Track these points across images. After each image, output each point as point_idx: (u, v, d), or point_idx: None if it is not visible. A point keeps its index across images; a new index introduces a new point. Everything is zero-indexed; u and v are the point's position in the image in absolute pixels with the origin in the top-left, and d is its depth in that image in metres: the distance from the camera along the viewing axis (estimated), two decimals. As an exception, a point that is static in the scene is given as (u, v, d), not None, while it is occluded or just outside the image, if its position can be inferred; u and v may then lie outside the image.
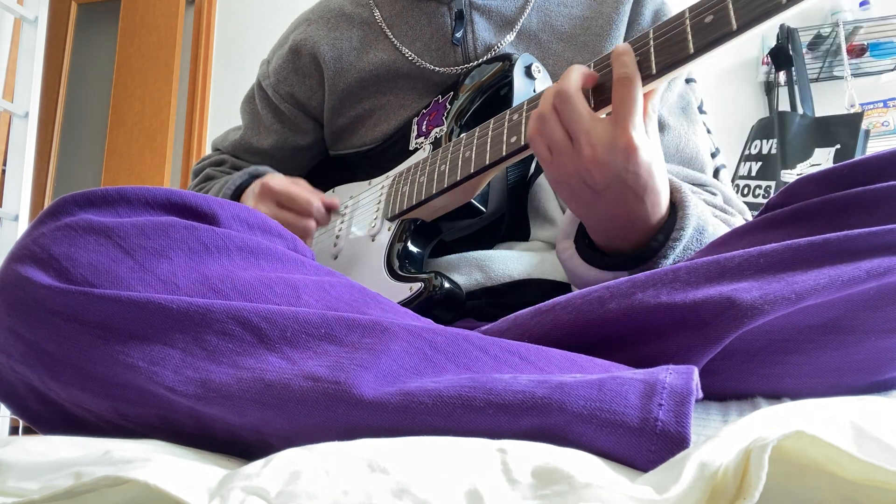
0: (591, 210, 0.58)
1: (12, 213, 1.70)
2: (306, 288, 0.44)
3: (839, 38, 2.24)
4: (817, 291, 0.37)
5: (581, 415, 0.32)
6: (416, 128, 0.81)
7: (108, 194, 0.45)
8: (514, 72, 0.74)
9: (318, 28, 0.89)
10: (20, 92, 1.77)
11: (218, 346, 0.38)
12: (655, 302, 0.41)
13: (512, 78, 0.74)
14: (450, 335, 0.41)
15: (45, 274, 0.40)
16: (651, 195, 0.56)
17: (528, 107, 0.64)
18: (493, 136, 0.66)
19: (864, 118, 2.03)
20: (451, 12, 0.82)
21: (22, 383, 0.42)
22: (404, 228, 0.74)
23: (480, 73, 0.77)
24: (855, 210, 0.42)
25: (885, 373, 0.41)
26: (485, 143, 0.66)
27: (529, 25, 0.81)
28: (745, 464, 0.25)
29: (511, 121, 0.65)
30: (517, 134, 0.63)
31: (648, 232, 0.58)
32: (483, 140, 0.67)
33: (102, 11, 3.28)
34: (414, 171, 0.75)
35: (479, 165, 0.66)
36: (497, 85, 0.75)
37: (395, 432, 0.33)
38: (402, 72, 0.83)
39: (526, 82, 0.74)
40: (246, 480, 0.27)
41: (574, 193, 0.58)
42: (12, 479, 0.29)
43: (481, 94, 0.76)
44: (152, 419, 0.40)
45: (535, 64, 0.75)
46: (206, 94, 2.88)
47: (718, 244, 0.49)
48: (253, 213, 0.50)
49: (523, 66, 0.75)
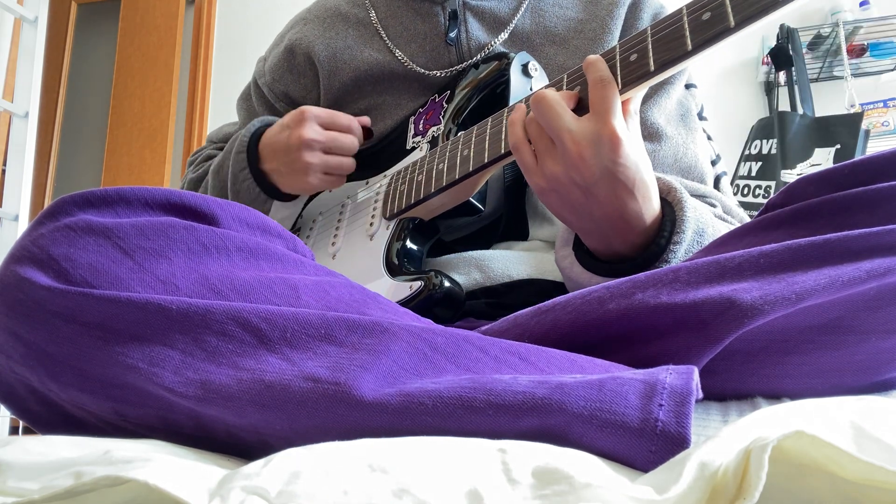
0: (583, 214, 0.58)
1: (12, 213, 1.70)
2: (306, 288, 0.44)
3: (839, 38, 2.24)
4: (817, 292, 0.37)
5: (581, 415, 0.32)
6: (413, 127, 0.81)
7: (107, 195, 0.45)
8: (511, 70, 0.74)
9: (314, 27, 0.89)
10: (20, 92, 1.77)
11: (218, 346, 0.38)
12: (655, 302, 0.41)
13: (509, 76, 0.74)
14: (450, 336, 0.41)
15: (44, 275, 0.40)
16: (641, 188, 0.56)
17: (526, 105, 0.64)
18: (491, 134, 0.66)
19: (864, 118, 2.03)
20: (445, 12, 0.82)
21: (21, 384, 0.42)
22: (403, 227, 0.74)
23: (477, 72, 0.77)
24: (855, 210, 0.42)
25: (885, 373, 0.41)
26: (483, 142, 0.66)
27: (523, 26, 0.81)
28: (745, 464, 0.25)
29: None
30: None
31: (646, 232, 0.58)
32: (481, 138, 0.67)
33: (102, 11, 3.28)
34: (412, 170, 0.75)
35: (478, 164, 0.66)
36: (494, 83, 0.75)
37: (396, 433, 0.33)
38: (396, 73, 0.83)
39: (523, 81, 0.74)
40: (246, 480, 0.27)
41: (564, 199, 0.57)
42: (12, 479, 0.29)
43: (478, 92, 0.76)
44: (152, 420, 0.40)
45: (531, 62, 0.75)
46: (206, 94, 2.89)
47: (718, 244, 0.49)
48: (253, 214, 0.50)
49: (520, 64, 0.75)
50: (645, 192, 0.56)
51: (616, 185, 0.55)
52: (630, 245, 0.59)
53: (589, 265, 0.62)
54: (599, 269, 0.61)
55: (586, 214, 0.58)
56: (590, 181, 0.55)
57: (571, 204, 0.57)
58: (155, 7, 3.01)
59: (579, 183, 0.55)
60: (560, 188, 0.57)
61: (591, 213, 0.57)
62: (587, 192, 0.56)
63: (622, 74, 0.56)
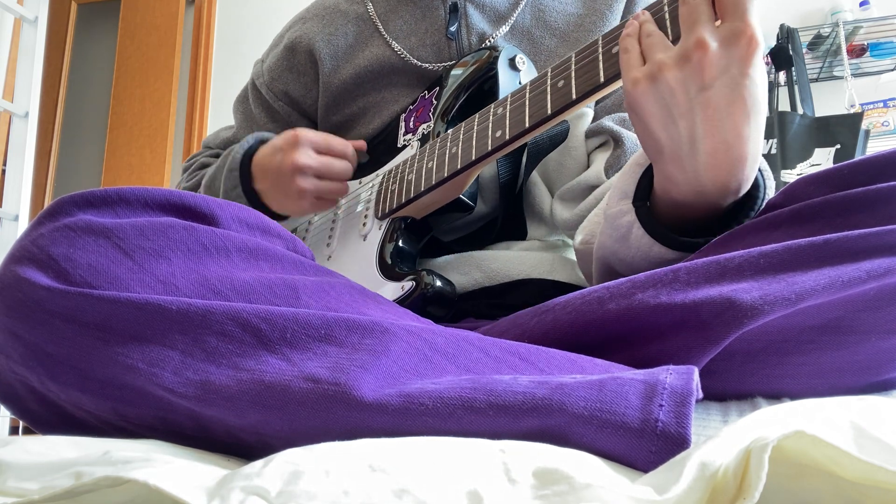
0: (679, 128, 0.46)
1: (12, 213, 1.70)
2: (306, 288, 0.44)
3: (839, 38, 2.24)
4: (817, 292, 0.37)
5: (581, 415, 0.32)
6: (404, 124, 0.80)
7: (107, 195, 0.45)
8: (499, 64, 0.73)
9: (314, 25, 0.89)
10: (20, 92, 1.77)
11: (217, 347, 0.38)
12: (655, 302, 0.41)
13: (496, 71, 0.73)
14: (450, 336, 0.41)
15: (44, 275, 0.40)
16: (756, 119, 0.45)
17: (511, 100, 0.64)
18: (478, 130, 0.66)
19: (864, 118, 2.03)
20: (446, 5, 0.82)
21: (21, 384, 0.42)
22: (395, 227, 0.74)
23: (465, 67, 0.77)
24: (855, 210, 0.42)
25: (886, 373, 0.41)
26: (470, 139, 0.66)
27: (523, 21, 0.81)
28: (746, 464, 0.25)
29: (496, 115, 0.64)
30: (502, 128, 0.63)
31: (746, 174, 0.48)
32: (469, 135, 0.67)
33: (102, 11, 3.28)
34: (402, 169, 0.75)
35: (466, 161, 0.66)
36: (482, 78, 0.75)
37: (396, 434, 0.33)
38: (397, 68, 0.83)
39: (510, 75, 0.74)
40: (246, 480, 0.27)
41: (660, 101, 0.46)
42: (12, 479, 0.29)
43: (466, 88, 0.76)
44: (152, 420, 0.40)
45: (518, 56, 0.74)
46: (206, 94, 2.88)
47: (718, 244, 0.49)
48: (253, 214, 0.50)
49: (507, 58, 0.74)
50: (759, 124, 0.46)
51: (735, 100, 0.44)
52: (721, 187, 0.48)
53: (655, 230, 0.51)
54: (666, 238, 0.51)
55: (684, 131, 0.46)
56: (705, 82, 0.44)
57: (667, 110, 0.46)
58: (155, 7, 3.01)
59: (689, 81, 0.45)
60: (661, 84, 0.46)
61: (691, 130, 0.46)
62: (695, 96, 0.45)
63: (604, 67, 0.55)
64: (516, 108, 0.62)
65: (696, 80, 0.44)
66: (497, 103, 0.66)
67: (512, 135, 0.61)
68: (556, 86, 0.59)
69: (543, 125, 0.60)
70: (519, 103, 0.62)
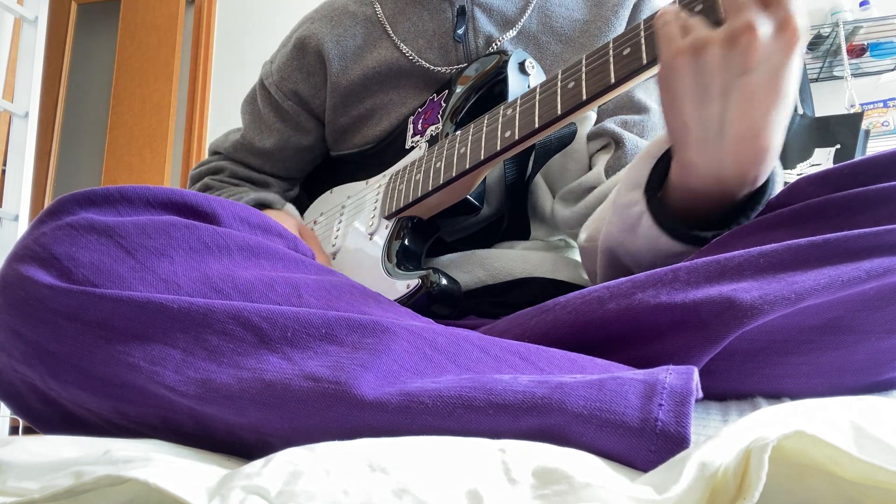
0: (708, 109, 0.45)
1: (12, 213, 1.70)
2: (307, 287, 0.44)
3: (839, 38, 2.24)
4: (817, 292, 0.37)
5: (581, 415, 0.32)
6: (412, 126, 0.81)
7: (109, 193, 0.45)
8: (508, 68, 0.74)
9: (322, 26, 0.89)
10: (20, 92, 1.77)
11: (219, 346, 0.38)
12: (655, 302, 0.41)
13: (506, 75, 0.74)
14: (450, 335, 0.41)
15: (46, 273, 0.40)
16: (783, 112, 0.45)
17: (521, 101, 0.64)
18: (487, 131, 0.66)
19: (864, 118, 2.03)
20: (453, 8, 0.82)
21: (23, 382, 0.42)
22: (401, 226, 0.74)
23: (475, 70, 0.77)
24: (855, 210, 0.42)
25: (885, 373, 0.41)
26: (479, 139, 0.66)
27: (530, 26, 0.81)
28: (745, 464, 0.25)
29: (505, 116, 0.65)
30: (512, 129, 0.63)
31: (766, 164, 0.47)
32: (478, 136, 0.67)
33: (102, 11, 3.28)
34: (410, 170, 0.75)
35: (474, 161, 0.66)
36: (491, 82, 0.75)
37: (396, 432, 0.33)
38: (404, 70, 0.83)
39: (520, 78, 0.74)
40: (246, 480, 0.27)
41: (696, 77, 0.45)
42: (12, 479, 0.29)
43: (476, 91, 0.76)
44: (153, 419, 0.40)
45: (528, 60, 0.75)
46: (206, 94, 2.88)
47: (718, 244, 0.49)
48: (254, 213, 0.50)
49: (517, 62, 0.75)
50: (784, 118, 0.45)
51: (771, 89, 0.43)
52: (741, 176, 0.48)
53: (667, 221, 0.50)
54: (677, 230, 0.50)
55: (716, 113, 0.45)
56: (748, 66, 0.43)
57: (704, 88, 0.45)
58: (155, 7, 3.01)
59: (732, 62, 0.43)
60: (703, 59, 0.44)
61: (722, 113, 0.45)
62: (734, 79, 0.43)
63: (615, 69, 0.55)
64: (526, 108, 0.63)
65: (740, 62, 0.43)
66: (506, 105, 0.66)
67: (521, 135, 0.62)
68: (567, 87, 0.59)
69: (553, 125, 0.60)
70: (529, 104, 0.62)
